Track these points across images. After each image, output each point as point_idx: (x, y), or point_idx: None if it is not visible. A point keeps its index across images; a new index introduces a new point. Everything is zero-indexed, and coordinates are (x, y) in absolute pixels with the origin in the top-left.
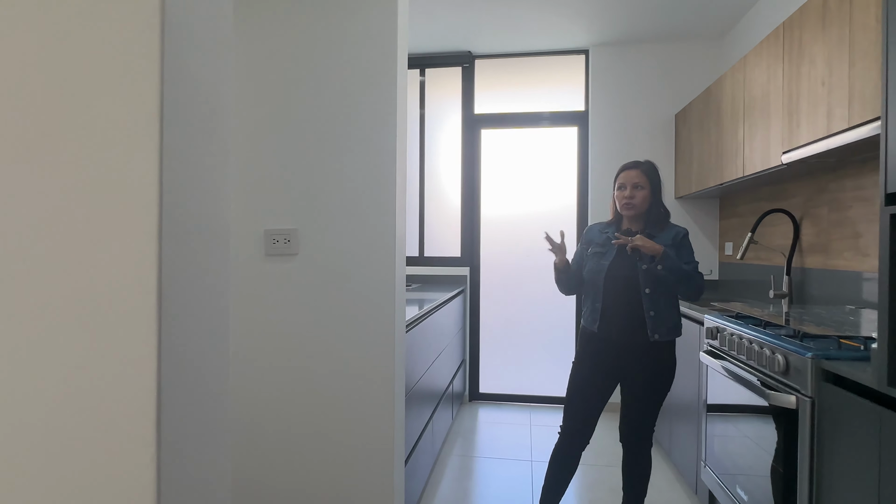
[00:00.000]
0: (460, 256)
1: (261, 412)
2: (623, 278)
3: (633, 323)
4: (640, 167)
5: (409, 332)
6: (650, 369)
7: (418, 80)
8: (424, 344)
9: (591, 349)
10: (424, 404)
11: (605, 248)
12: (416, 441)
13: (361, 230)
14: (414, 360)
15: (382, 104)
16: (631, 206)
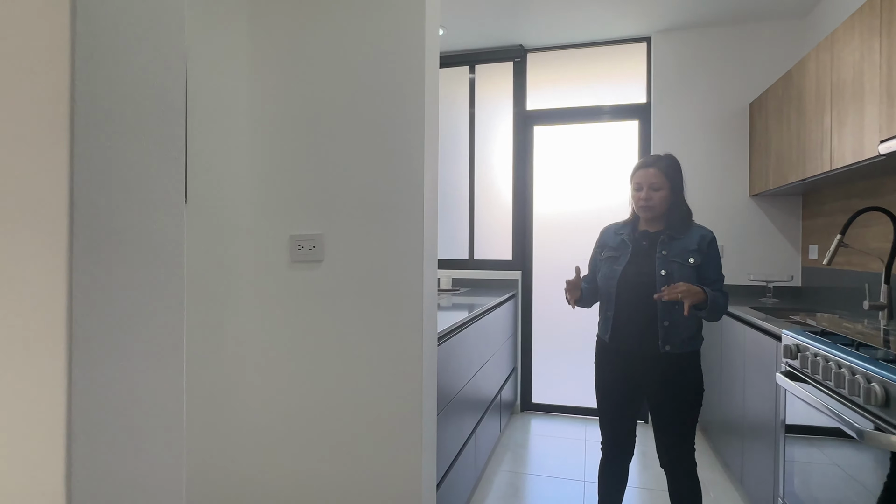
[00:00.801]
0: (512, 260)
1: (277, 427)
2: (637, 285)
3: (645, 333)
4: (658, 165)
5: (452, 338)
6: (670, 384)
7: (467, 77)
8: (468, 351)
9: (605, 361)
10: (467, 415)
11: (619, 251)
12: (456, 456)
13: (387, 235)
14: (455, 368)
15: (410, 106)
16: (648, 208)
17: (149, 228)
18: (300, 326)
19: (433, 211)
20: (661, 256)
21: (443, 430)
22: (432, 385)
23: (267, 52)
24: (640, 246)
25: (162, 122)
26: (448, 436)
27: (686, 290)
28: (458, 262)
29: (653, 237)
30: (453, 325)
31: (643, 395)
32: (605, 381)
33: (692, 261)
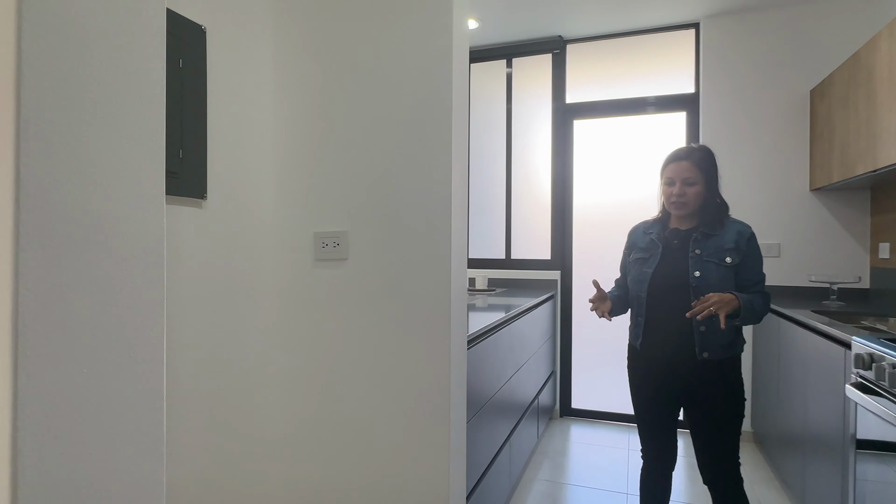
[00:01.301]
0: (550, 259)
1: (298, 431)
2: (669, 288)
3: (680, 339)
4: (692, 157)
5: (486, 340)
6: (709, 394)
7: (504, 72)
8: (503, 354)
9: (638, 369)
10: (501, 420)
11: (649, 252)
12: (489, 465)
13: (413, 233)
14: (488, 371)
15: (437, 100)
16: (681, 204)
17: (119, 224)
18: (324, 327)
19: (462, 208)
20: (694, 256)
21: (474, 436)
22: (461, 390)
23: (291, 45)
24: (670, 245)
25: (137, 108)
26: (480, 443)
27: (718, 300)
28: (494, 262)
29: (684, 235)
30: (487, 327)
31: (680, 404)
32: (640, 391)
33: (729, 260)
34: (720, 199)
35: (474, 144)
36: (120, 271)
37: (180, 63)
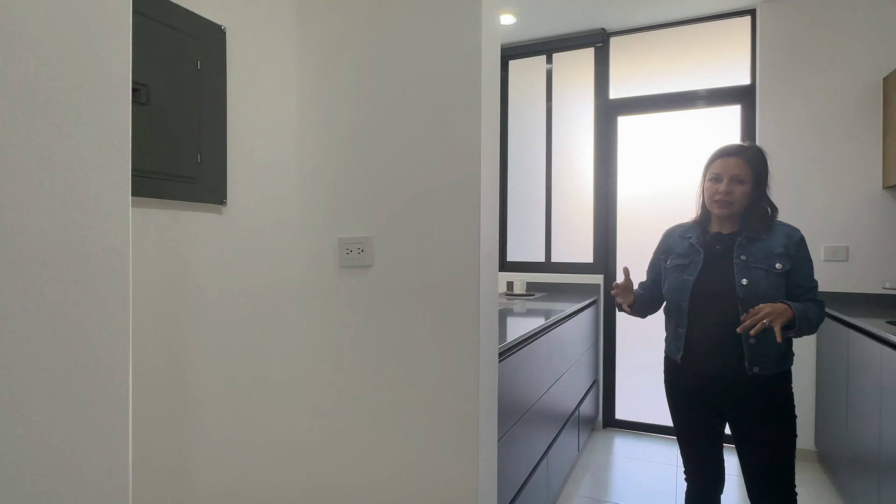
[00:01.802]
0: (593, 263)
1: (321, 443)
2: (714, 297)
3: (728, 352)
4: (743, 154)
5: (523, 349)
6: (759, 412)
7: (544, 68)
8: (541, 362)
9: (677, 384)
10: (538, 434)
11: (689, 258)
12: (524, 482)
13: (439, 240)
14: (525, 381)
15: (464, 102)
16: (726, 203)
17: (71, 230)
18: (348, 337)
19: (492, 213)
20: (740, 262)
21: (508, 451)
22: (491, 404)
23: (314, 45)
24: (712, 251)
25: (97, 106)
26: (515, 457)
27: (770, 312)
28: (533, 265)
29: (727, 240)
30: (524, 335)
31: (725, 422)
32: (680, 408)
33: (779, 266)
34: (768, 203)
35: (513, 144)
36: (72, 279)
37: (198, 65)
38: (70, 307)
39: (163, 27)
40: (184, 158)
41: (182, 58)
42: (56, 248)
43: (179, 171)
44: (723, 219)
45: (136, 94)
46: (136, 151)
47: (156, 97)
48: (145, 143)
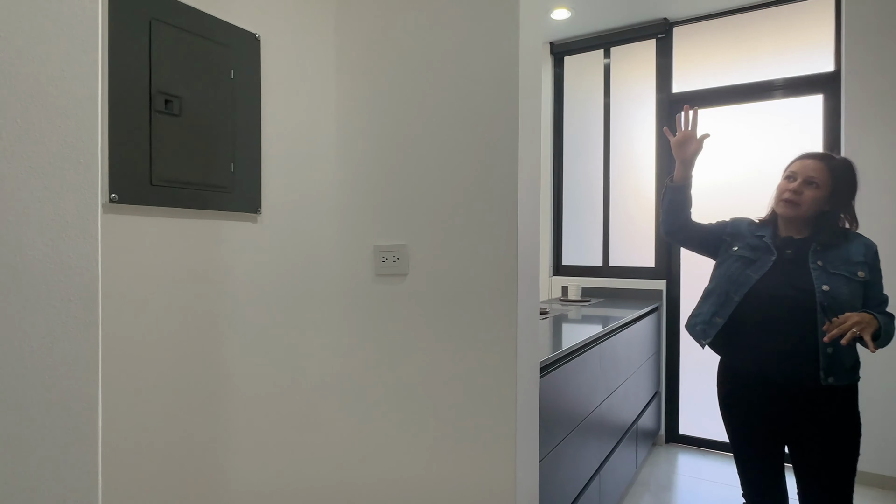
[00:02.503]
0: (655, 267)
1: (352, 452)
2: (784, 301)
3: (800, 360)
4: (826, 160)
5: (572, 361)
6: (826, 425)
7: (601, 63)
8: (594, 374)
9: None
10: (590, 450)
11: (758, 255)
12: (573, 501)
13: (475, 249)
14: (574, 394)
15: (500, 106)
16: (793, 204)
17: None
18: (382, 348)
19: (531, 219)
20: (817, 268)
21: (554, 468)
22: (531, 419)
23: (351, 52)
24: (783, 255)
25: (59, 110)
26: (562, 475)
27: (859, 320)
28: (590, 269)
29: (800, 245)
30: (576, 345)
31: (786, 436)
32: (739, 419)
33: (861, 274)
34: (850, 216)
35: (568, 144)
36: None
37: (232, 74)
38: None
39: (196, 38)
40: (218, 168)
41: (216, 68)
42: (17, 271)
43: (213, 180)
44: (789, 221)
45: (168, 106)
46: (169, 162)
47: (189, 108)
48: (178, 153)
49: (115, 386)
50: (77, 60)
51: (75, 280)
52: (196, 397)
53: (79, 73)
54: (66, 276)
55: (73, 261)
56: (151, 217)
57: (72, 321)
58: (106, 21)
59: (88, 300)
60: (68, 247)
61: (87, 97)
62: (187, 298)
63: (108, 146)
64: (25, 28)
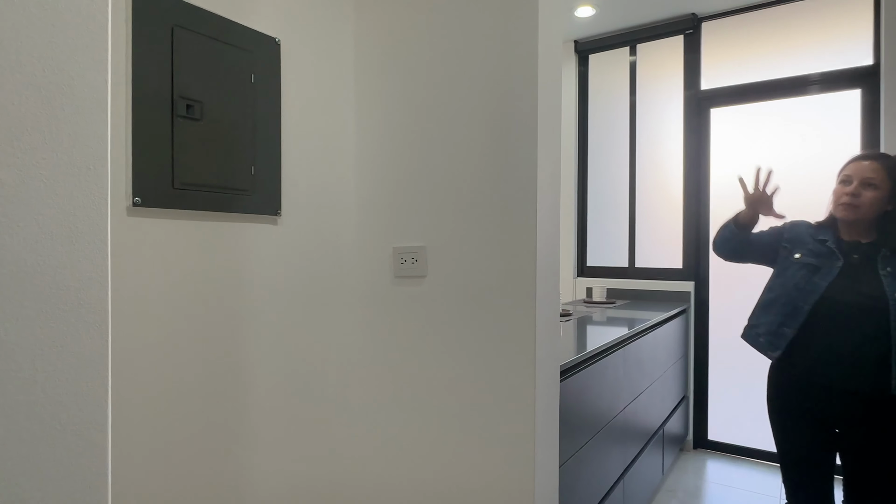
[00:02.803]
0: (682, 268)
1: (374, 451)
2: (853, 308)
3: (869, 368)
4: (882, 159)
5: (595, 364)
6: (883, 436)
7: (627, 60)
8: (618, 377)
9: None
10: (613, 454)
11: (822, 261)
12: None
13: (493, 251)
14: (597, 398)
15: (518, 106)
16: (851, 207)
17: (43, 256)
18: (403, 349)
19: (551, 220)
20: (888, 274)
21: (575, 472)
22: (551, 423)
23: (371, 54)
24: (850, 260)
25: (69, 118)
26: (583, 483)
27: None
28: (615, 271)
29: (867, 250)
30: (600, 347)
31: (839, 445)
32: (790, 424)
33: None
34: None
35: (593, 143)
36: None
37: (252, 78)
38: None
39: (216, 44)
40: (238, 171)
41: (236, 72)
42: (30, 278)
43: (233, 183)
44: (850, 225)
45: (189, 111)
46: (191, 166)
47: (209, 113)
48: (199, 157)
49: (138, 386)
50: (87, 67)
51: (86, 286)
52: (217, 397)
53: (89, 81)
54: (77, 282)
55: (84, 267)
56: (173, 220)
57: (82, 326)
58: (129, 29)
59: (98, 305)
60: (78, 253)
61: (97, 104)
62: (208, 299)
63: (132, 151)
64: (34, 36)
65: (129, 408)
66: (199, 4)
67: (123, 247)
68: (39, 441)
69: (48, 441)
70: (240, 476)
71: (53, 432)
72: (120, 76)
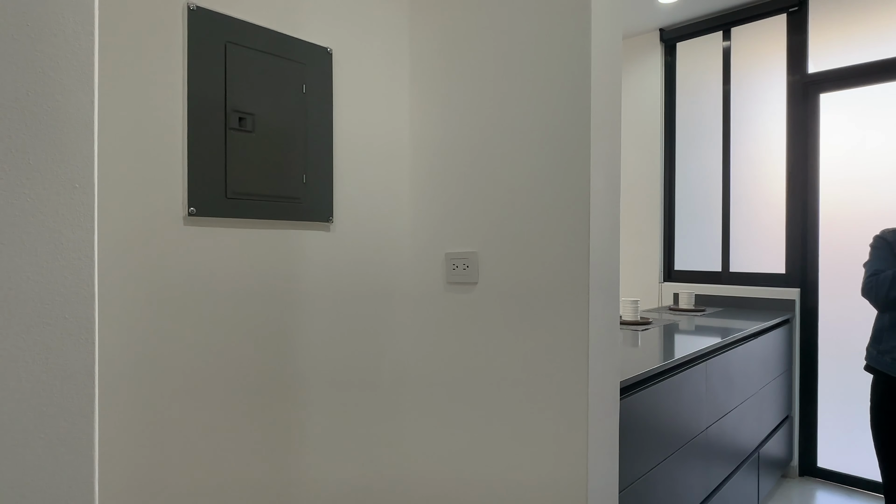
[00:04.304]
0: (785, 273)
1: (426, 459)
2: None
3: None
4: None
5: (671, 378)
6: None
7: (719, 46)
8: (699, 391)
9: None
10: (693, 476)
11: None
12: None
13: (542, 256)
14: (674, 413)
15: (571, 108)
16: None
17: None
18: (453, 356)
19: (609, 226)
20: None
21: (644, 496)
22: (607, 448)
23: (425, 61)
24: None
25: (54, 138)
26: None
27: None
28: (706, 276)
29: None
30: (676, 360)
31: None
32: None
33: None
34: None
35: (681, 139)
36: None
37: (303, 88)
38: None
39: (268, 56)
40: (289, 179)
41: (287, 83)
42: (15, 294)
43: (285, 192)
44: None
45: (241, 123)
46: (243, 176)
47: (261, 124)
48: (251, 167)
49: (191, 388)
50: (73, 88)
51: (70, 300)
52: (270, 401)
53: (74, 101)
54: (61, 297)
55: (69, 281)
56: (227, 228)
57: (68, 339)
58: (185, 46)
59: (84, 319)
60: (63, 269)
61: (83, 124)
62: (261, 305)
63: (187, 163)
64: (17, 58)
65: (181, 410)
66: (251, 20)
67: (179, 255)
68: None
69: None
70: (294, 476)
71: (38, 444)
72: (177, 92)
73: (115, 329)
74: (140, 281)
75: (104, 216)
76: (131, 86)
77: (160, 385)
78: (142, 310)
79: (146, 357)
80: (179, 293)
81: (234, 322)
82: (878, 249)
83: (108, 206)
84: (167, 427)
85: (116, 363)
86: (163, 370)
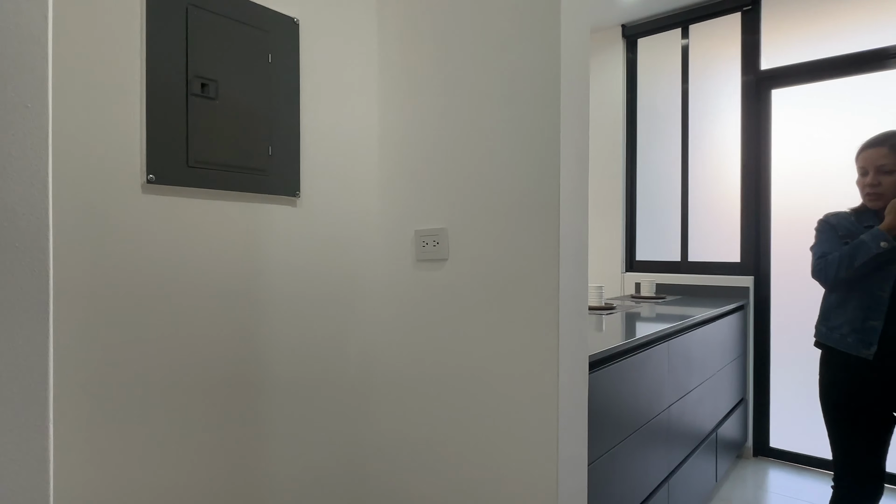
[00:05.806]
0: (740, 262)
1: (397, 438)
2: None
3: None
4: (889, 142)
5: (632, 357)
6: None
7: (678, 44)
8: (660, 373)
9: (858, 382)
10: (656, 455)
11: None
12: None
13: (512, 233)
14: (635, 393)
15: (540, 90)
16: (877, 196)
17: None
18: (424, 334)
19: (577, 206)
20: None
21: (608, 476)
22: (578, 417)
23: (394, 34)
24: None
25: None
26: (618, 484)
27: None
28: (666, 265)
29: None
30: (638, 339)
31: None
32: (852, 408)
33: None
34: None
35: (642, 132)
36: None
37: (269, 58)
38: None
39: (232, 23)
40: (254, 151)
41: (253, 52)
42: None
43: (250, 163)
44: (880, 211)
45: (204, 90)
46: (206, 144)
47: (225, 92)
48: (214, 136)
49: (150, 369)
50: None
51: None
52: (232, 382)
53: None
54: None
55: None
56: (189, 198)
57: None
58: (144, 7)
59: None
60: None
61: (36, 41)
62: (224, 279)
63: (146, 128)
64: None
65: (141, 393)
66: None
67: (138, 224)
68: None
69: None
70: (258, 464)
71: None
72: (134, 54)
73: (65, 294)
74: (96, 250)
75: (56, 175)
76: (85, 39)
77: (110, 368)
78: (95, 280)
79: (93, 326)
80: (135, 264)
81: (193, 298)
82: (822, 233)
83: (61, 165)
84: (118, 414)
85: (64, 337)
86: (112, 347)
